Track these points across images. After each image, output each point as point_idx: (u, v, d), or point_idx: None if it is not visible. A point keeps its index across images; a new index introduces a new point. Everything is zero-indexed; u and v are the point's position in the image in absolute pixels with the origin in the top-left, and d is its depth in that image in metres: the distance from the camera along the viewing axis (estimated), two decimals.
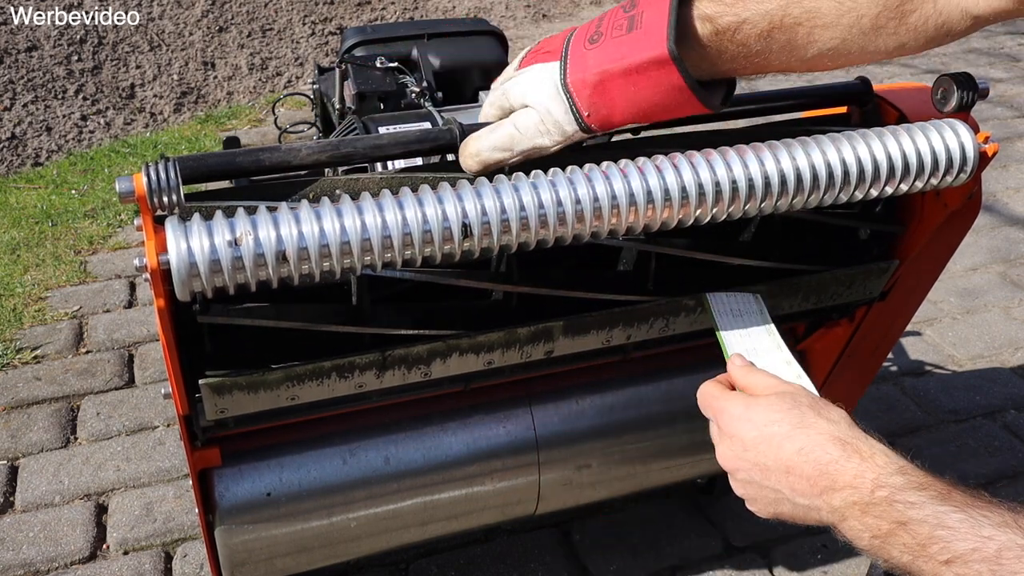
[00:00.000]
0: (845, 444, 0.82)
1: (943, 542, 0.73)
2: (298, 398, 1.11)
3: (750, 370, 0.98)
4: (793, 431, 0.85)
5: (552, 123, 0.98)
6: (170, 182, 0.88)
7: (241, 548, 1.27)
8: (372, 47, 1.97)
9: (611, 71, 0.94)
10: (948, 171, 1.05)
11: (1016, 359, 2.38)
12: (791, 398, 0.89)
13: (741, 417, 0.90)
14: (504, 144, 1.00)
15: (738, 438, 0.90)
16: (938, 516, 0.74)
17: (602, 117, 0.97)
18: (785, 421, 0.86)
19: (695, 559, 1.79)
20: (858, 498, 0.79)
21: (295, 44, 4.15)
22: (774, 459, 0.86)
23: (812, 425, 0.85)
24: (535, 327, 1.16)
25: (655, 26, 0.92)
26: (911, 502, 0.76)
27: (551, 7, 4.87)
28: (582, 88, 0.96)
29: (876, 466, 0.80)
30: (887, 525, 0.77)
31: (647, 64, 0.92)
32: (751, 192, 0.98)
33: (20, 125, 3.41)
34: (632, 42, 0.93)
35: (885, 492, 0.78)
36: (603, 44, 0.95)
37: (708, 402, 0.96)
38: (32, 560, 1.78)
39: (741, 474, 0.90)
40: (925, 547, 0.74)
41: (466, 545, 1.81)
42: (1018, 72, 4.14)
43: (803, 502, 0.84)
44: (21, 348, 2.34)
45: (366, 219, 0.89)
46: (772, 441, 0.86)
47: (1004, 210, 3.08)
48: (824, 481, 0.82)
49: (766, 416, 0.88)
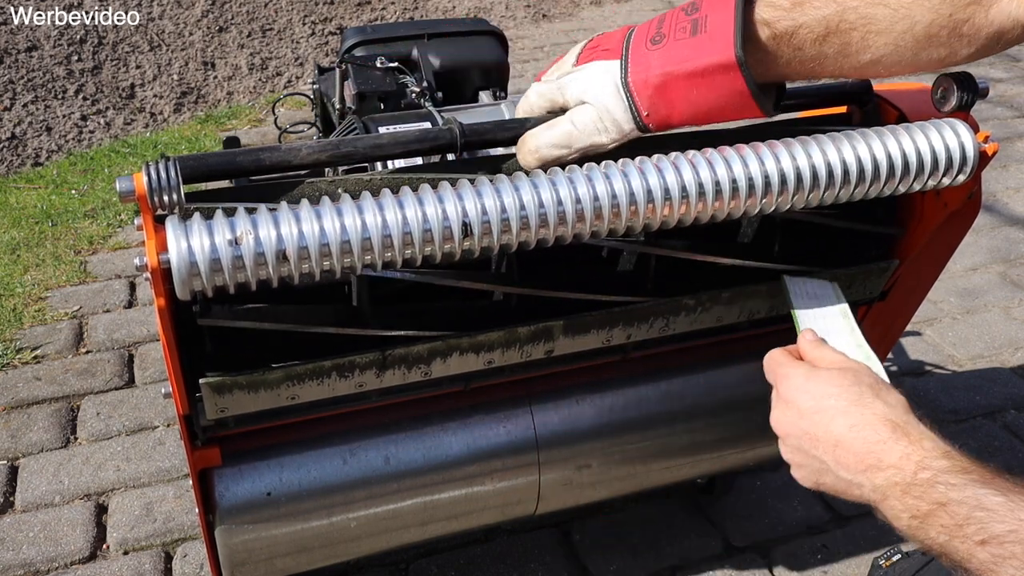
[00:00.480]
0: (896, 426, 0.84)
1: (980, 523, 0.75)
2: (298, 398, 1.11)
3: (818, 344, 1.00)
4: (849, 407, 0.87)
5: (611, 121, 0.99)
6: (170, 182, 0.88)
7: (241, 548, 1.27)
8: (372, 47, 1.97)
9: (675, 73, 0.95)
10: (948, 171, 1.05)
11: (1016, 359, 2.38)
12: (853, 375, 0.91)
13: (801, 387, 0.92)
14: (563, 141, 1.00)
15: (794, 405, 0.92)
16: (977, 498, 0.76)
17: (661, 117, 0.98)
18: (843, 396, 0.88)
19: (695, 559, 1.79)
20: (901, 479, 0.81)
21: (295, 44, 4.15)
22: (825, 431, 0.88)
23: (868, 404, 0.87)
24: (535, 327, 1.16)
25: (721, 31, 0.93)
26: (952, 483, 0.78)
27: (551, 7, 4.87)
28: (643, 88, 0.97)
29: (922, 449, 0.82)
30: (927, 506, 0.78)
31: (713, 68, 0.94)
32: (751, 191, 0.98)
33: (20, 125, 3.41)
34: (697, 45, 0.94)
35: (928, 474, 0.79)
36: (666, 46, 0.96)
37: (772, 367, 0.99)
38: (32, 560, 1.78)
39: (791, 440, 0.92)
40: (962, 527, 0.76)
41: (466, 545, 1.81)
42: (1018, 72, 4.14)
43: (847, 476, 0.86)
44: (21, 348, 2.34)
45: (366, 218, 0.89)
46: (827, 413, 0.88)
47: (1004, 210, 3.08)
48: (870, 459, 0.84)
49: (825, 389, 0.90)
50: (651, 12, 4.82)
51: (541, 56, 4.30)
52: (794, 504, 1.92)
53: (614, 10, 4.90)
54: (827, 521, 1.88)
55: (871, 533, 1.85)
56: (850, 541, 1.83)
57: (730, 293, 1.24)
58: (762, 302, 1.28)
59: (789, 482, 1.94)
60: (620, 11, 4.88)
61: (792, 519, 1.88)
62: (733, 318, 1.29)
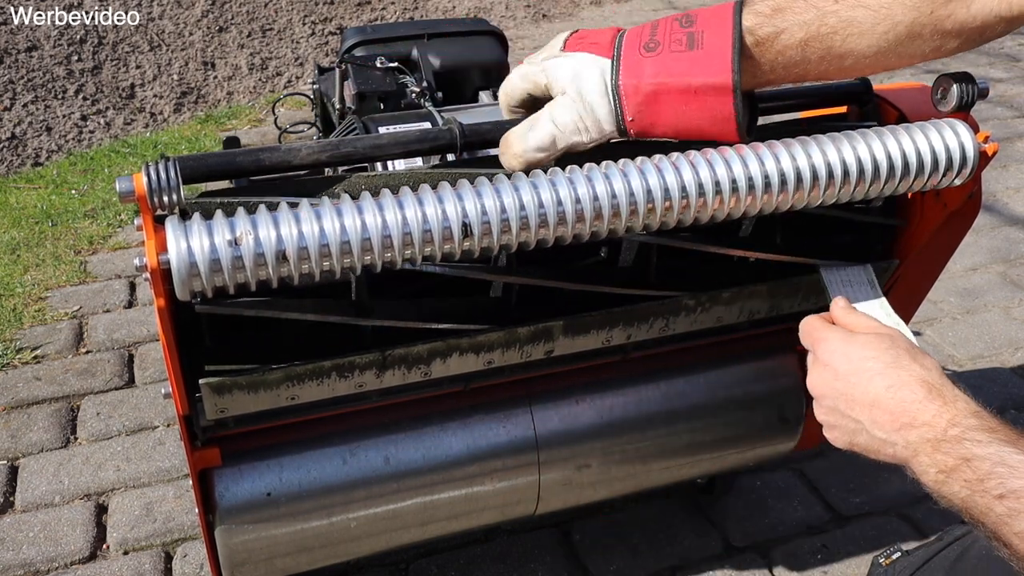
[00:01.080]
0: (931, 387, 0.87)
1: (1000, 478, 0.78)
2: (298, 398, 1.11)
3: (851, 311, 1.03)
4: (886, 368, 0.90)
5: (592, 121, 0.99)
6: (170, 182, 0.88)
7: (241, 548, 1.27)
8: (372, 47, 1.97)
9: (668, 85, 0.95)
10: (948, 171, 1.05)
11: (1016, 359, 2.38)
12: (889, 339, 0.94)
13: (838, 350, 0.95)
14: (547, 143, 1.00)
15: (831, 367, 0.95)
16: (1000, 455, 0.79)
17: (644, 126, 0.99)
18: (880, 359, 0.91)
19: (695, 559, 1.79)
20: (932, 435, 0.84)
21: (295, 44, 4.15)
22: (862, 392, 0.91)
23: (905, 367, 0.90)
24: (535, 327, 1.16)
25: (718, 51, 0.94)
26: (978, 440, 0.81)
27: (551, 7, 4.87)
28: (633, 94, 0.97)
29: (955, 409, 0.85)
30: (953, 461, 0.82)
31: (708, 88, 0.94)
32: (751, 191, 0.98)
33: (20, 125, 3.41)
34: (693, 61, 0.95)
35: (957, 431, 0.83)
36: (661, 55, 0.96)
37: (809, 331, 1.01)
38: (32, 560, 1.78)
39: (827, 401, 0.95)
40: (983, 481, 0.79)
41: (466, 545, 1.81)
42: (1018, 72, 4.14)
43: (880, 435, 0.89)
44: (21, 348, 2.34)
45: (366, 219, 0.89)
46: (864, 375, 0.91)
47: (1004, 210, 3.08)
48: (905, 417, 0.87)
49: (863, 352, 0.93)
50: (651, 12, 4.82)
51: None
52: (794, 504, 1.92)
53: (614, 10, 4.90)
54: (827, 521, 1.88)
55: (871, 533, 1.85)
56: (850, 541, 1.83)
57: (730, 293, 1.24)
58: (762, 302, 1.28)
59: (789, 482, 1.95)
60: (620, 11, 4.88)
61: (792, 519, 1.88)
62: (733, 318, 1.29)
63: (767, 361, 1.53)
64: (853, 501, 1.92)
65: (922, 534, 1.84)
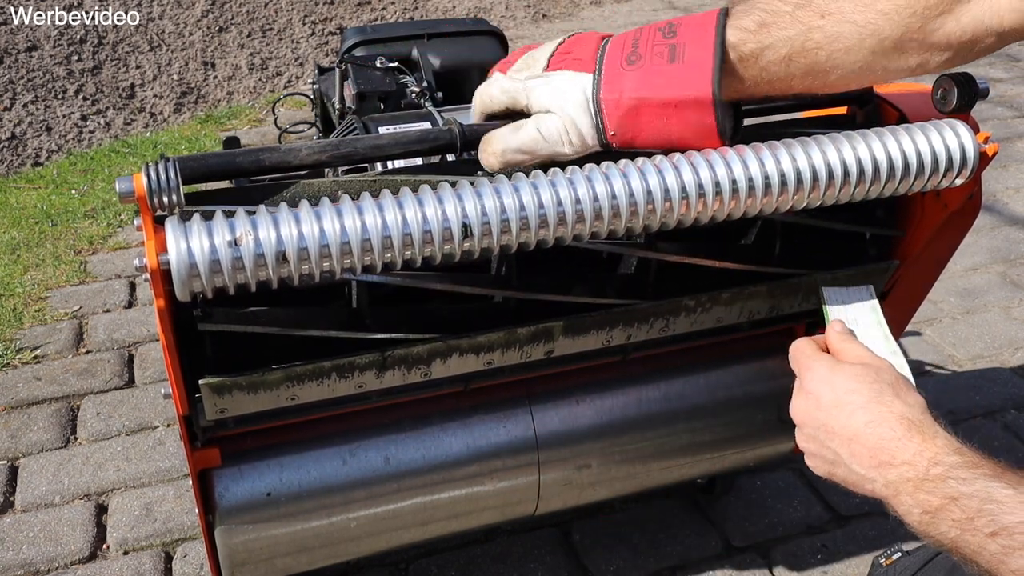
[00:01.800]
0: (911, 424, 0.86)
1: (990, 515, 0.76)
2: (298, 398, 1.11)
3: (845, 337, 1.01)
4: (867, 403, 0.89)
5: (576, 134, 0.99)
6: (170, 182, 0.88)
7: (241, 548, 1.27)
8: (372, 47, 1.97)
9: (649, 100, 0.95)
10: (948, 171, 1.05)
11: (1016, 359, 2.38)
12: (875, 372, 0.92)
13: (823, 379, 0.94)
14: (528, 147, 1.00)
15: (814, 396, 0.94)
16: (988, 491, 0.77)
17: (627, 138, 0.99)
18: (862, 392, 0.90)
19: (695, 559, 1.79)
20: (913, 475, 0.82)
21: (295, 44, 4.15)
22: (842, 425, 0.89)
23: (887, 403, 0.88)
24: (535, 327, 1.16)
25: (699, 64, 0.93)
26: (963, 478, 0.79)
27: (551, 7, 4.87)
28: (615, 109, 0.97)
29: (935, 446, 0.83)
30: (938, 500, 0.80)
31: (688, 102, 0.94)
32: (751, 192, 0.98)
33: (20, 125, 3.41)
34: (674, 76, 0.94)
35: (940, 469, 0.81)
36: (642, 68, 0.96)
37: (797, 356, 1.00)
38: (32, 560, 1.78)
39: (808, 429, 0.94)
40: (972, 520, 0.77)
41: (466, 545, 1.81)
42: (1018, 72, 4.14)
43: (859, 471, 0.88)
44: (21, 348, 2.34)
45: (366, 219, 0.89)
46: (845, 408, 0.90)
47: (1004, 210, 3.08)
48: (884, 455, 0.85)
49: (847, 384, 0.91)
50: (651, 12, 4.82)
51: None
52: (794, 504, 1.92)
53: (614, 10, 4.90)
54: (827, 521, 1.88)
55: (871, 533, 1.85)
56: (850, 541, 1.83)
57: (730, 294, 1.24)
58: (762, 302, 1.28)
59: (789, 482, 1.95)
60: (620, 11, 4.88)
61: (792, 519, 1.88)
62: (733, 319, 1.29)
63: (767, 361, 1.53)
64: (853, 501, 1.92)
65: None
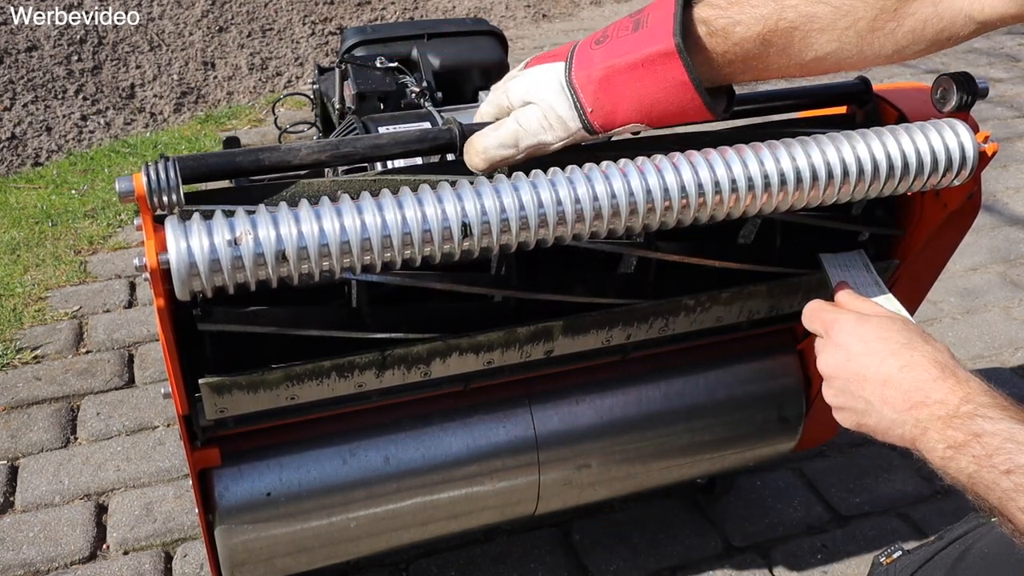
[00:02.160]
0: (944, 367, 0.88)
1: (1008, 453, 0.79)
2: (298, 398, 1.11)
3: (856, 296, 1.04)
4: (900, 348, 0.91)
5: (555, 118, 0.99)
6: (170, 182, 0.88)
7: (241, 548, 1.27)
8: (372, 47, 1.97)
9: (617, 66, 0.96)
10: (948, 171, 1.05)
11: (1016, 359, 2.38)
12: (902, 321, 0.95)
13: (852, 331, 0.95)
14: (510, 140, 1.01)
15: (844, 348, 0.95)
16: (1011, 431, 0.80)
17: (606, 113, 0.98)
18: (894, 339, 0.92)
19: (695, 559, 1.79)
20: (944, 412, 0.85)
21: (295, 44, 4.15)
22: (875, 371, 0.91)
23: (918, 347, 0.91)
24: (535, 327, 1.16)
25: (661, 23, 0.94)
26: (990, 416, 0.82)
27: (551, 7, 4.87)
28: (587, 84, 0.97)
29: (968, 387, 0.86)
30: (963, 436, 0.82)
31: (653, 57, 0.94)
32: (751, 191, 0.98)
33: (20, 125, 3.41)
34: (638, 39, 0.95)
35: (970, 407, 0.83)
36: (609, 43, 0.98)
37: (817, 314, 1.01)
38: (32, 560, 1.78)
39: (838, 382, 0.96)
40: (991, 456, 0.79)
41: (466, 545, 1.81)
42: (1018, 72, 4.14)
43: (890, 415, 0.89)
44: (21, 348, 2.34)
45: (366, 219, 0.89)
46: (878, 355, 0.92)
47: (1004, 210, 3.08)
48: (918, 396, 0.87)
49: (877, 332, 0.94)
50: None
51: None
52: (794, 504, 1.92)
53: (614, 10, 4.90)
54: (827, 521, 1.88)
55: (871, 533, 1.85)
56: (850, 541, 1.83)
57: (729, 293, 1.24)
58: (762, 302, 1.28)
59: (789, 482, 1.95)
60: (620, 11, 4.88)
61: (792, 519, 1.88)
62: (733, 318, 1.29)
63: (767, 361, 1.53)
64: (853, 501, 1.92)
65: (922, 534, 1.83)
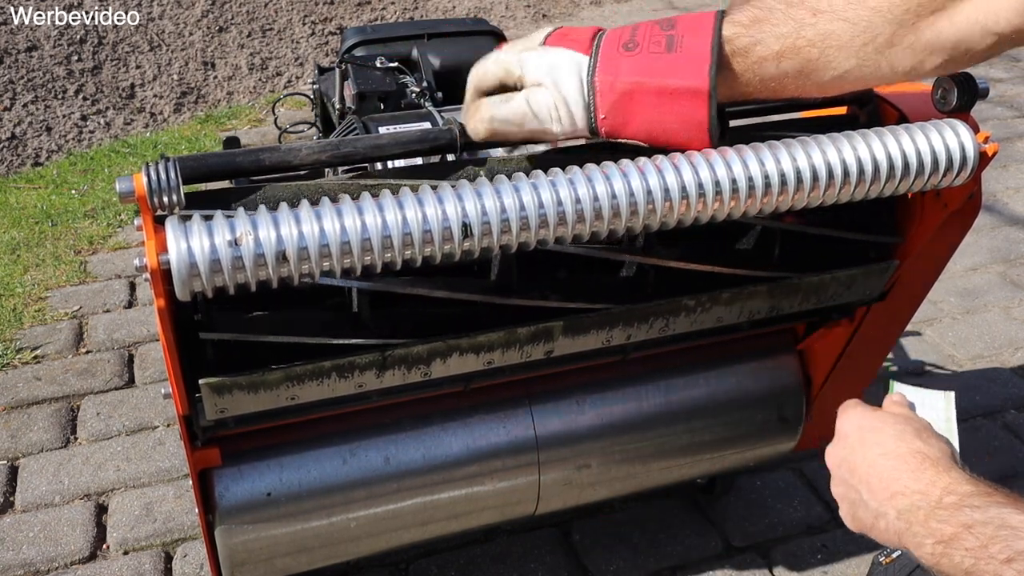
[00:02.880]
0: (925, 458, 0.86)
1: (1005, 541, 0.75)
2: (298, 398, 1.11)
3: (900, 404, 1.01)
4: (887, 439, 0.90)
5: (566, 113, 0.98)
6: (170, 182, 0.88)
7: (241, 548, 1.27)
8: (372, 47, 1.97)
9: (644, 85, 0.95)
10: (948, 171, 1.05)
11: (1016, 359, 2.38)
12: (904, 419, 0.93)
13: (854, 422, 0.95)
14: (517, 119, 0.99)
15: (842, 437, 0.95)
16: (1002, 516, 0.76)
17: (615, 125, 0.98)
18: (885, 431, 0.91)
19: (695, 559, 1.79)
20: (925, 503, 0.82)
21: (295, 44, 4.15)
22: (862, 458, 0.90)
23: (906, 441, 0.89)
24: (535, 327, 1.16)
25: (696, 55, 0.93)
26: (977, 505, 0.78)
27: (551, 7, 4.87)
28: (608, 91, 0.96)
29: (949, 477, 0.83)
30: (952, 529, 0.78)
31: (682, 91, 0.93)
32: (751, 191, 0.98)
33: (20, 125, 3.41)
34: (671, 64, 0.94)
35: (954, 498, 0.80)
36: (639, 55, 0.95)
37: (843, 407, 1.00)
38: (32, 560, 1.78)
39: (837, 472, 0.95)
40: (987, 547, 0.76)
41: (466, 545, 1.81)
42: (1018, 72, 4.14)
43: (874, 505, 0.87)
44: (21, 348, 2.34)
45: (366, 219, 0.89)
46: (866, 442, 0.91)
47: (1004, 210, 3.08)
48: (896, 485, 0.85)
49: (872, 424, 0.93)
50: (651, 13, 4.81)
51: None
52: (794, 504, 1.92)
53: (614, 10, 4.90)
54: (827, 521, 1.88)
55: None
56: (850, 541, 1.83)
57: (730, 294, 1.24)
58: (762, 302, 1.28)
59: (789, 482, 1.95)
60: (620, 11, 4.88)
61: (792, 519, 1.88)
62: (733, 318, 1.29)
63: (767, 361, 1.53)
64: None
65: None
